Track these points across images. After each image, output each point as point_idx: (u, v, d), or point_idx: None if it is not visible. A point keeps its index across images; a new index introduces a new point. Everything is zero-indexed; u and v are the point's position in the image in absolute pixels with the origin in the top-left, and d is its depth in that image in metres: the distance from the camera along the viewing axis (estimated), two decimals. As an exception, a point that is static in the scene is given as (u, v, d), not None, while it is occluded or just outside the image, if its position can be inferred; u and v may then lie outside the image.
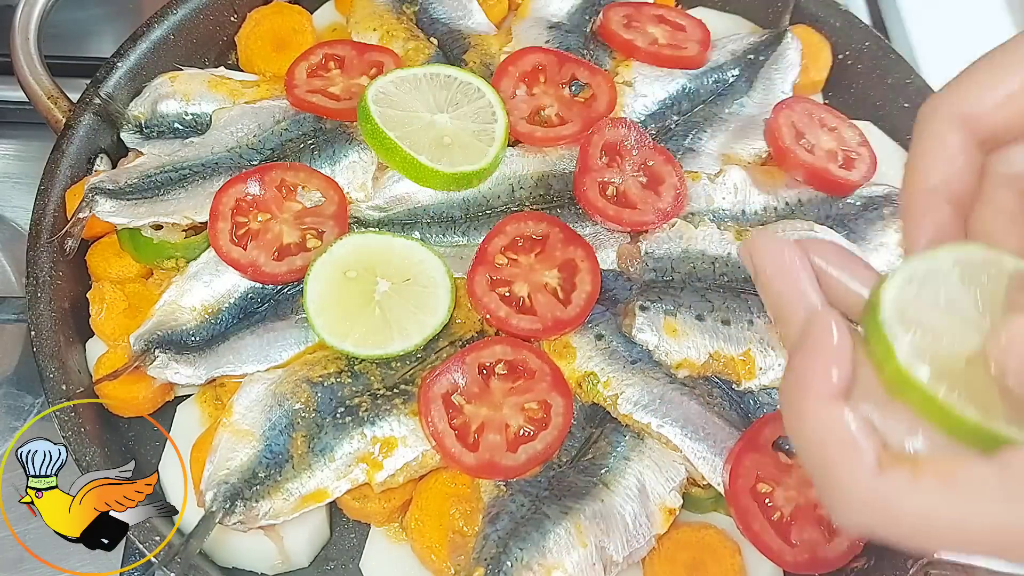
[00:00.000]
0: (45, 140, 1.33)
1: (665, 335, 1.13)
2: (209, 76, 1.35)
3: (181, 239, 1.22)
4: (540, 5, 1.47)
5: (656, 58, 1.38)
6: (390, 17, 1.43)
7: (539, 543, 1.02)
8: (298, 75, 1.32)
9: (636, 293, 1.17)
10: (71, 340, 1.19)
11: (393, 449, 1.07)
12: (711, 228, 1.22)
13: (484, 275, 1.16)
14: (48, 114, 1.31)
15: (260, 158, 1.27)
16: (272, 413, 1.09)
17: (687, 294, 1.16)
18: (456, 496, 1.07)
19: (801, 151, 1.28)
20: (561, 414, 1.08)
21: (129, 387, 1.14)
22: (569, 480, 1.07)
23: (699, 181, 1.28)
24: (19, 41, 1.33)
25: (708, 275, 1.18)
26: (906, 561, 1.04)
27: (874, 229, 1.27)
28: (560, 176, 1.28)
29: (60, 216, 1.24)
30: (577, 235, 1.20)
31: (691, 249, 1.20)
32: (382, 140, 1.21)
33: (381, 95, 1.25)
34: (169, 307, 1.17)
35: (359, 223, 1.24)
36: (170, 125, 1.32)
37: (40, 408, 1.30)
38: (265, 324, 1.17)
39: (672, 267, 1.19)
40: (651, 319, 1.14)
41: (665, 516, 1.06)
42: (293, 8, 1.46)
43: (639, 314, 1.14)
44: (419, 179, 1.24)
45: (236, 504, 1.03)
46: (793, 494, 1.05)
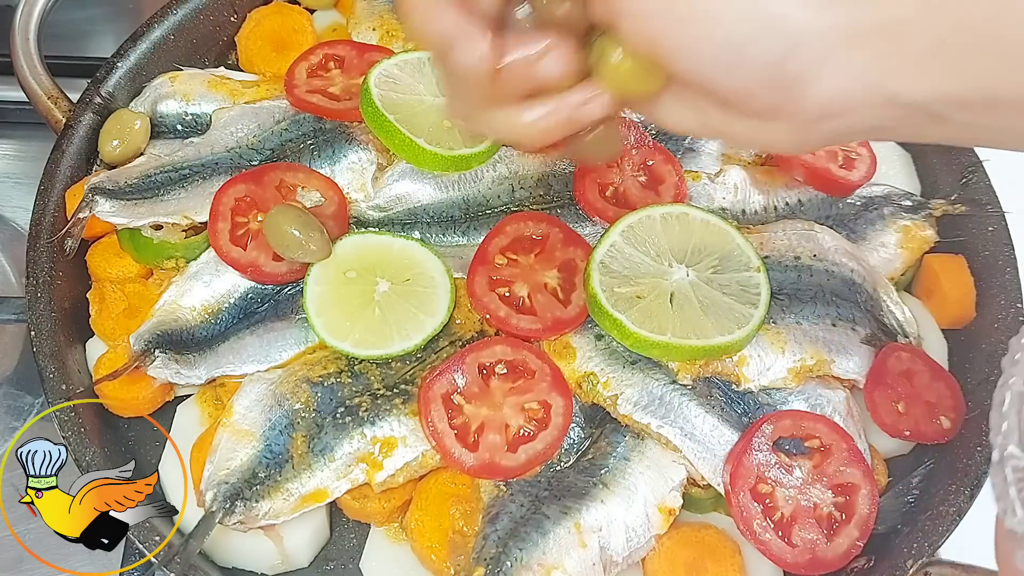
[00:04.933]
0: (45, 140, 1.33)
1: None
2: (209, 76, 1.35)
3: (181, 239, 1.22)
4: (540, 4, 1.46)
5: (656, 58, 1.38)
6: (390, 17, 1.43)
7: (539, 543, 1.02)
8: (298, 75, 1.32)
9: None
10: (71, 340, 1.19)
11: (393, 449, 1.07)
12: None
13: (484, 275, 1.16)
14: (48, 114, 1.31)
15: (260, 158, 1.27)
16: (272, 413, 1.09)
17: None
18: (456, 496, 1.07)
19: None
20: (561, 414, 1.08)
21: (129, 387, 1.14)
22: (569, 480, 1.07)
23: (699, 181, 1.28)
24: (19, 41, 1.32)
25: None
26: (906, 561, 1.04)
27: (874, 229, 1.27)
28: (560, 176, 1.28)
29: (60, 216, 1.24)
30: (577, 235, 1.20)
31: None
32: (382, 122, 1.22)
33: (384, 78, 1.25)
34: (169, 307, 1.17)
35: (359, 223, 1.24)
36: (170, 125, 1.32)
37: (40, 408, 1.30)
38: (265, 324, 1.17)
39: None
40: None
41: (665, 516, 1.06)
42: (293, 8, 1.46)
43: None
44: (418, 162, 1.24)
45: (236, 504, 1.03)
46: (793, 494, 1.05)
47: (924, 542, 1.05)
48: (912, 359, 1.15)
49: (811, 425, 1.08)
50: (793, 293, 1.17)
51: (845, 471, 1.06)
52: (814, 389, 1.13)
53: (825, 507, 1.05)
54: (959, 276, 1.25)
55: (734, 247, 1.15)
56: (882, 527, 1.07)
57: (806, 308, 1.15)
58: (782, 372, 1.12)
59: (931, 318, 1.25)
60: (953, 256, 1.27)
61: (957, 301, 1.24)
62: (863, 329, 1.15)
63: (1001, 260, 1.24)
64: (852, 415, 1.12)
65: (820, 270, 1.18)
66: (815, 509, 1.05)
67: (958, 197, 1.29)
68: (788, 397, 1.12)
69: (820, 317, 1.15)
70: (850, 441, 1.08)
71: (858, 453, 1.07)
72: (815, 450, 1.08)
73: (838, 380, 1.15)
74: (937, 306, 1.25)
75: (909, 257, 1.26)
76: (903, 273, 1.27)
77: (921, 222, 1.27)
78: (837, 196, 1.29)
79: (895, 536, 1.07)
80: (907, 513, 1.09)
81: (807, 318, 1.15)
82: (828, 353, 1.13)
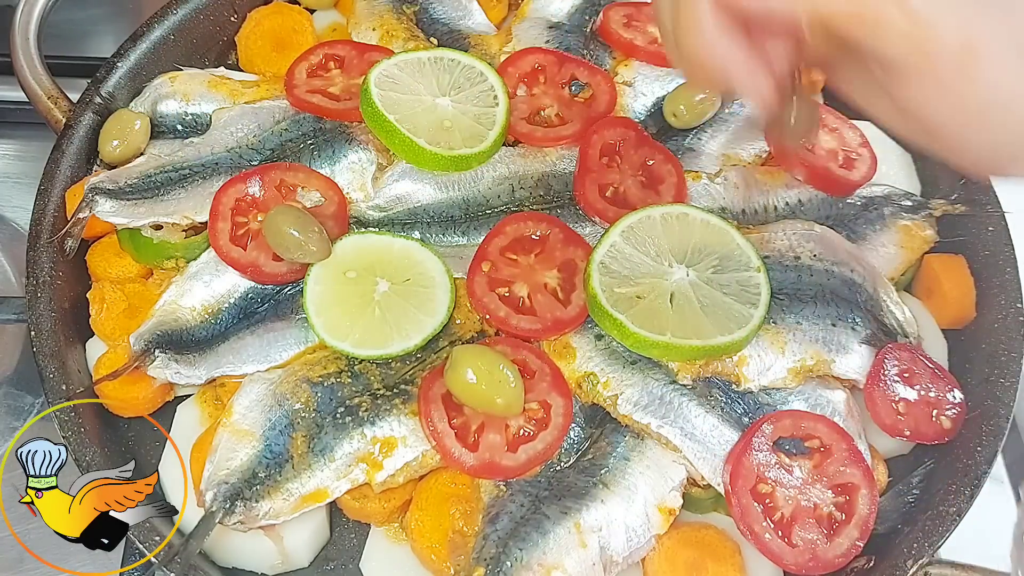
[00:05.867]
0: (45, 140, 1.33)
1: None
2: (209, 76, 1.35)
3: (181, 239, 1.22)
4: (540, 5, 1.47)
5: (656, 57, 1.38)
6: (390, 17, 1.43)
7: (539, 543, 1.02)
8: (298, 75, 1.32)
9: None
10: (71, 340, 1.19)
11: (393, 449, 1.07)
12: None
13: (484, 275, 1.16)
14: (48, 114, 1.31)
15: (260, 158, 1.27)
16: (272, 413, 1.09)
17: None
18: (456, 496, 1.07)
19: (802, 150, 1.28)
20: (561, 414, 1.08)
21: (129, 387, 1.14)
22: (569, 480, 1.07)
23: (699, 181, 1.28)
24: (19, 41, 1.33)
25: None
26: (906, 561, 1.04)
27: (874, 229, 1.27)
28: (560, 176, 1.28)
29: (60, 216, 1.24)
30: (577, 235, 1.20)
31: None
32: (382, 122, 1.22)
33: (384, 78, 1.25)
34: (169, 307, 1.17)
35: (359, 223, 1.24)
36: (170, 125, 1.32)
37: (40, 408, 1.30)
38: (265, 324, 1.17)
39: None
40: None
41: (665, 516, 1.06)
42: (293, 8, 1.46)
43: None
44: (418, 162, 1.24)
45: (236, 504, 1.03)
46: (793, 494, 1.05)
47: (924, 542, 1.05)
48: (912, 359, 1.15)
49: (811, 425, 1.08)
50: (793, 293, 1.17)
51: (845, 471, 1.06)
52: (814, 389, 1.13)
53: (825, 507, 1.05)
54: (959, 276, 1.25)
55: (734, 247, 1.15)
56: (882, 527, 1.07)
57: (806, 308, 1.15)
58: (782, 372, 1.12)
59: (931, 318, 1.25)
60: (953, 256, 1.27)
61: (957, 301, 1.24)
62: (863, 329, 1.15)
63: (1001, 260, 1.24)
64: (852, 415, 1.12)
65: (820, 270, 1.18)
66: (815, 509, 1.05)
67: (958, 197, 1.29)
68: (788, 397, 1.12)
69: (820, 317, 1.15)
70: (850, 441, 1.08)
71: (858, 453, 1.07)
72: (815, 450, 1.08)
73: (838, 380, 1.15)
74: (937, 306, 1.25)
75: (909, 257, 1.26)
76: (903, 273, 1.27)
77: (921, 222, 1.27)
78: (837, 196, 1.29)
79: (895, 536, 1.07)
80: (907, 513, 1.09)
81: (807, 318, 1.15)
82: (828, 353, 1.13)
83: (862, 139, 1.33)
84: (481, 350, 1.07)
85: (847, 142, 1.32)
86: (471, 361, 1.04)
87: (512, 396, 1.04)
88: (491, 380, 1.04)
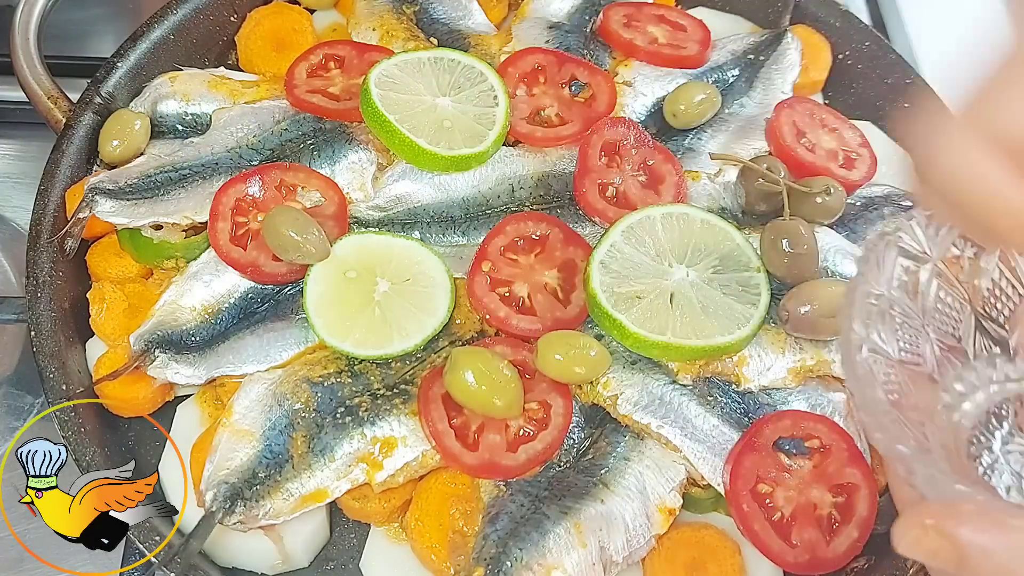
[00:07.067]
0: (45, 140, 1.33)
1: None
2: (209, 76, 1.35)
3: (181, 239, 1.22)
4: (540, 5, 1.47)
5: (656, 58, 1.38)
6: (390, 17, 1.43)
7: (539, 543, 1.02)
8: (298, 75, 1.32)
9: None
10: (71, 340, 1.19)
11: (393, 449, 1.07)
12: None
13: (484, 275, 1.16)
14: (48, 114, 1.31)
15: (260, 158, 1.27)
16: (272, 413, 1.09)
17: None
18: (456, 496, 1.07)
19: (802, 150, 1.28)
20: (561, 414, 1.08)
21: (129, 387, 1.14)
22: (569, 480, 1.07)
23: (699, 181, 1.28)
24: (19, 41, 1.33)
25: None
26: (906, 561, 1.03)
27: (874, 229, 1.27)
28: (560, 176, 1.28)
29: (60, 216, 1.24)
30: (577, 235, 1.20)
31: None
32: (382, 122, 1.22)
33: (384, 78, 1.26)
34: (169, 307, 1.17)
35: (359, 223, 1.24)
36: (170, 125, 1.32)
37: (40, 408, 1.30)
38: (265, 324, 1.17)
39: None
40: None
41: (665, 516, 1.06)
42: (293, 8, 1.46)
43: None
44: (418, 162, 1.24)
45: (236, 504, 1.03)
46: (793, 494, 1.05)
47: (924, 542, 1.04)
48: (912, 359, 1.15)
49: (811, 425, 1.08)
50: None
51: (845, 471, 1.06)
52: (814, 389, 1.13)
53: (825, 507, 1.05)
54: (959, 276, 1.25)
55: (734, 247, 1.15)
56: (882, 527, 1.06)
57: (806, 308, 1.15)
58: (782, 372, 1.12)
59: (931, 318, 1.25)
60: (953, 256, 1.27)
61: (957, 301, 1.24)
62: (863, 329, 1.15)
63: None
64: (852, 415, 1.12)
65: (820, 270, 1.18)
66: (815, 509, 1.05)
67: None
68: (788, 397, 1.12)
69: (820, 317, 1.15)
70: (850, 441, 1.08)
71: (858, 453, 1.07)
72: (815, 450, 1.08)
73: (838, 380, 1.15)
74: (937, 306, 1.25)
75: (909, 257, 1.26)
76: (903, 273, 1.27)
77: (921, 222, 1.27)
78: (837, 196, 1.29)
79: (895, 536, 1.07)
80: (907, 513, 1.09)
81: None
82: (828, 353, 1.13)
83: (862, 139, 1.33)
84: (480, 352, 1.07)
85: (847, 142, 1.32)
86: (470, 363, 1.04)
87: (511, 398, 1.04)
88: (490, 382, 1.04)
